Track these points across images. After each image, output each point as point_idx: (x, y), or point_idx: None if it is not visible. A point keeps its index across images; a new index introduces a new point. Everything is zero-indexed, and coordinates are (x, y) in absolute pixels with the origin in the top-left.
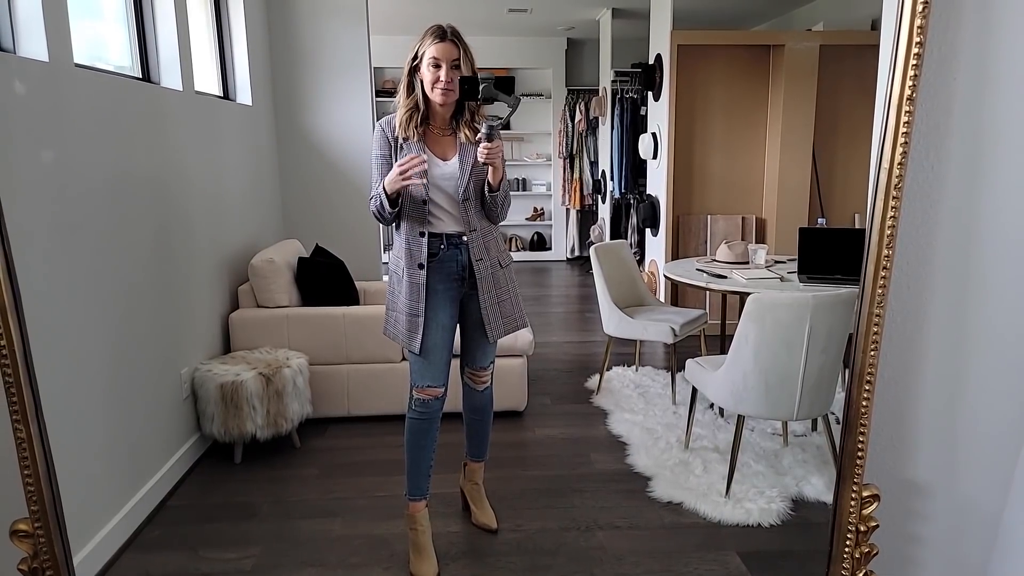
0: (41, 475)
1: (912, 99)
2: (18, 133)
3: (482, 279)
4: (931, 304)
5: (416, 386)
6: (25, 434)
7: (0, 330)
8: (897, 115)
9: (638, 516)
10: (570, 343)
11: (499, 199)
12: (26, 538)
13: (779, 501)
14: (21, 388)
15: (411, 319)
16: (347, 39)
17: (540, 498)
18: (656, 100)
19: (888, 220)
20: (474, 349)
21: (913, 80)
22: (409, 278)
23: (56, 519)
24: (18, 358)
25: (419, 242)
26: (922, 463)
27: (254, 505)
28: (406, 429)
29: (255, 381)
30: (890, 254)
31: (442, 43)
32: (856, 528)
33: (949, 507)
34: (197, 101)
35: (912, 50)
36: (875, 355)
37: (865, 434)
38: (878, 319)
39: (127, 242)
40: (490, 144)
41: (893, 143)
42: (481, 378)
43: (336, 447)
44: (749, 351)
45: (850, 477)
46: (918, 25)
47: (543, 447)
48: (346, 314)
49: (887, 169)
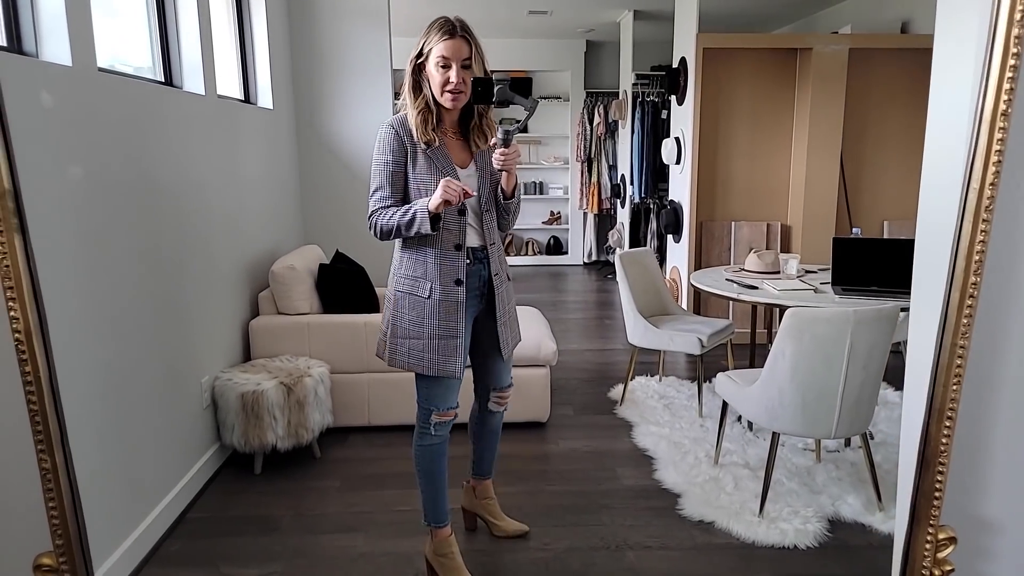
0: (67, 507)
1: (1007, 115)
2: (41, 138)
3: (499, 295)
4: (1010, 335)
5: (438, 411)
6: (50, 464)
7: (25, 356)
8: (990, 132)
9: (669, 536)
10: (591, 351)
11: (512, 207)
12: (50, 573)
13: (815, 521)
14: (47, 416)
15: (447, 342)
16: (368, 42)
17: (566, 515)
18: (680, 104)
19: (977, 245)
20: (498, 370)
21: (1008, 95)
22: (443, 296)
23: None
24: (44, 386)
25: (454, 256)
26: (996, 500)
27: (275, 519)
28: (422, 458)
29: (276, 391)
30: (978, 282)
31: (451, 40)
32: (931, 572)
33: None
34: (219, 105)
35: (1009, 61)
36: (957, 390)
37: (944, 473)
38: (962, 351)
39: (148, 248)
40: (507, 150)
41: (985, 162)
42: (505, 399)
43: (357, 458)
44: (786, 367)
45: (926, 519)
46: (1015, 35)
47: (567, 461)
48: (367, 322)
49: (976, 189)
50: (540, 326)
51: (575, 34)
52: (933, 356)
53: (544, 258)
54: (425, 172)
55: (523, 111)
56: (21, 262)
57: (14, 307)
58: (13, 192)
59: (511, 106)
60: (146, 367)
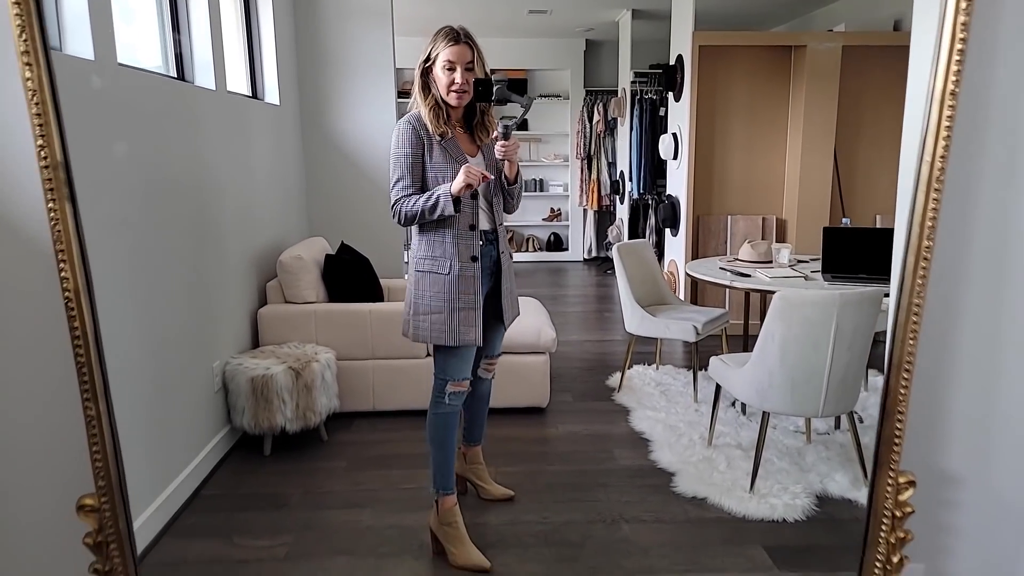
0: (108, 451)
1: (955, 94)
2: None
3: (504, 271)
4: (967, 296)
5: (453, 380)
6: (95, 411)
7: (74, 312)
8: (940, 110)
9: (663, 510)
10: (590, 342)
11: (515, 191)
12: (92, 512)
13: (804, 497)
14: (92, 368)
15: (466, 313)
16: (371, 41)
17: (566, 492)
18: (677, 101)
19: (930, 212)
20: (493, 339)
21: (956, 76)
22: (460, 272)
23: (120, 493)
24: (89, 339)
25: (470, 235)
26: (956, 453)
27: (284, 496)
28: (435, 426)
29: (285, 375)
30: (931, 245)
31: (456, 46)
32: (892, 514)
33: (982, 498)
34: (229, 100)
35: (956, 46)
36: (914, 344)
37: (903, 421)
38: (918, 309)
39: (163, 238)
40: (507, 142)
41: (936, 137)
42: (494, 366)
43: (362, 440)
44: (775, 348)
45: (887, 463)
46: (962, 22)
47: (566, 443)
48: (372, 310)
49: (929, 162)
50: (540, 315)
51: (575, 33)
52: (892, 315)
53: (545, 254)
54: (441, 161)
55: (520, 108)
56: (71, 227)
57: (64, 268)
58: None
59: (508, 104)
60: (162, 351)
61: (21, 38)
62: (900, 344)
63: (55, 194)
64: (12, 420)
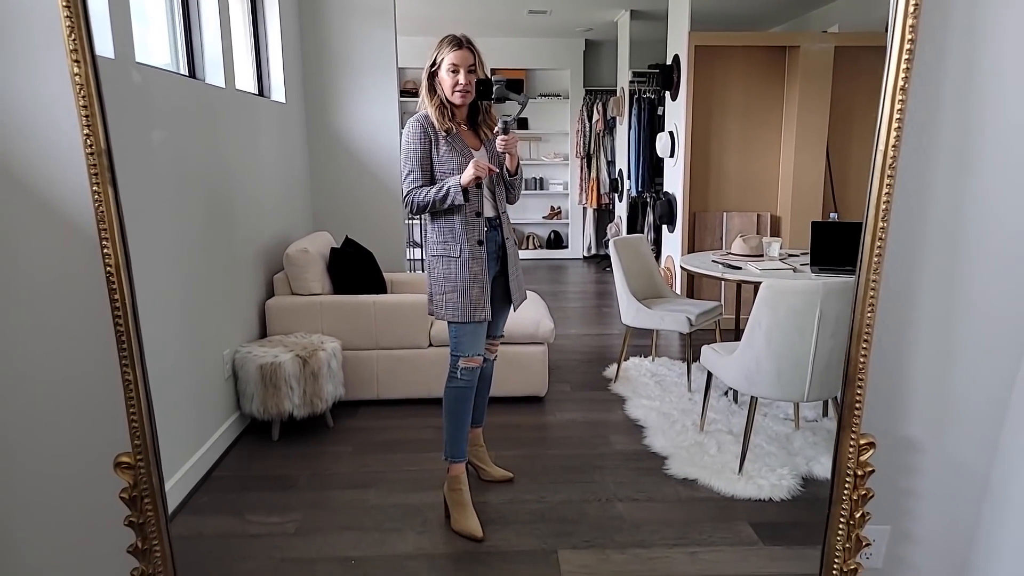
0: (143, 413)
1: (905, 89)
2: None
3: (510, 255)
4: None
5: (466, 355)
6: (132, 376)
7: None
8: (891, 103)
9: (655, 491)
10: (588, 335)
11: (516, 182)
12: (128, 470)
13: (789, 478)
14: (130, 337)
15: (477, 289)
16: (374, 40)
17: (562, 474)
18: (673, 100)
19: (884, 196)
20: (498, 320)
21: (906, 72)
22: (471, 254)
23: (154, 453)
24: (128, 310)
25: (476, 221)
26: (915, 420)
27: (293, 477)
28: (449, 399)
29: (293, 362)
30: (885, 226)
31: (459, 50)
32: (854, 472)
33: (940, 463)
34: (237, 98)
35: (905, 46)
36: (871, 316)
37: (863, 387)
38: (874, 284)
39: (177, 232)
40: (506, 136)
41: (888, 127)
42: (496, 347)
43: (367, 427)
44: (762, 335)
45: (848, 426)
46: (910, 24)
47: (564, 429)
48: (377, 302)
49: (882, 151)
50: (539, 307)
51: (574, 33)
52: (853, 290)
53: (544, 252)
54: (448, 155)
55: (517, 105)
56: (112, 208)
57: (107, 245)
58: (107, 151)
59: (507, 101)
60: (175, 338)
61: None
62: (860, 316)
63: (99, 178)
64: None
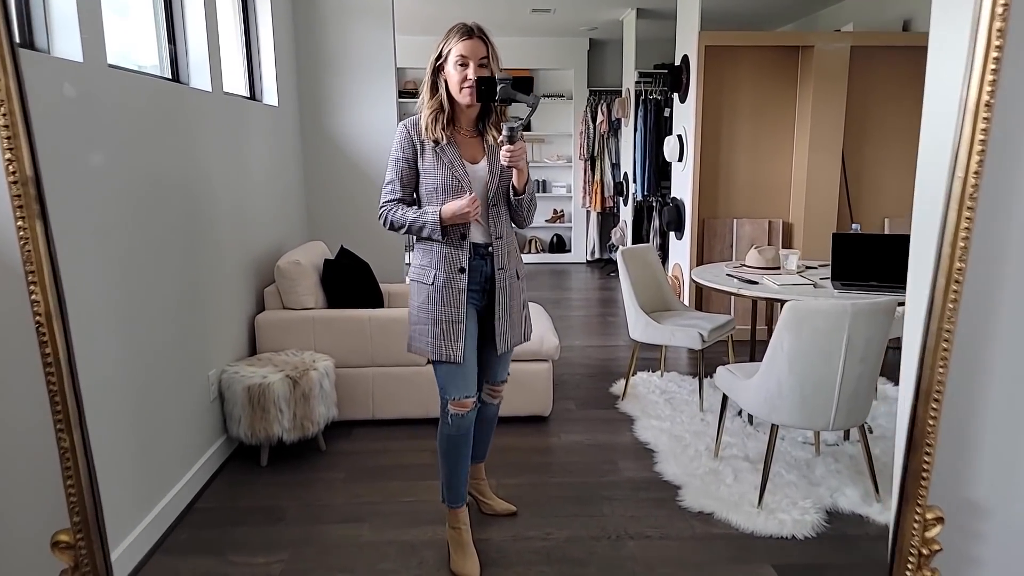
0: (84, 485)
1: (991, 105)
2: (52, 134)
3: (501, 289)
4: (999, 320)
5: (452, 399)
6: (68, 443)
7: (46, 337)
8: (974, 122)
9: (669, 526)
10: (593, 347)
11: (524, 202)
12: (67, 549)
13: (813, 512)
14: (66, 396)
15: (451, 326)
16: (372, 40)
17: (568, 505)
18: (682, 102)
19: (962, 232)
20: (494, 363)
21: (991, 86)
22: (447, 283)
23: (98, 529)
24: (63, 366)
25: (460, 246)
26: (983, 484)
27: (281, 509)
28: (442, 441)
29: (282, 384)
30: (963, 267)
31: (469, 40)
32: (918, 551)
33: (1008, 528)
34: (225, 102)
35: (991, 54)
36: (944, 372)
37: (931, 454)
38: (948, 335)
39: (157, 244)
40: (512, 147)
41: (969, 151)
42: (499, 392)
43: (362, 450)
44: (784, 360)
45: (914, 498)
46: (997, 28)
47: (569, 453)
48: (372, 317)
49: (961, 178)
50: (543, 321)
51: (578, 32)
52: (920, 339)
53: (547, 256)
54: (432, 167)
55: (526, 108)
56: (42, 246)
57: (35, 290)
58: (35, 179)
59: (513, 104)
60: (156, 360)
61: None
62: (929, 371)
63: (25, 211)
64: None
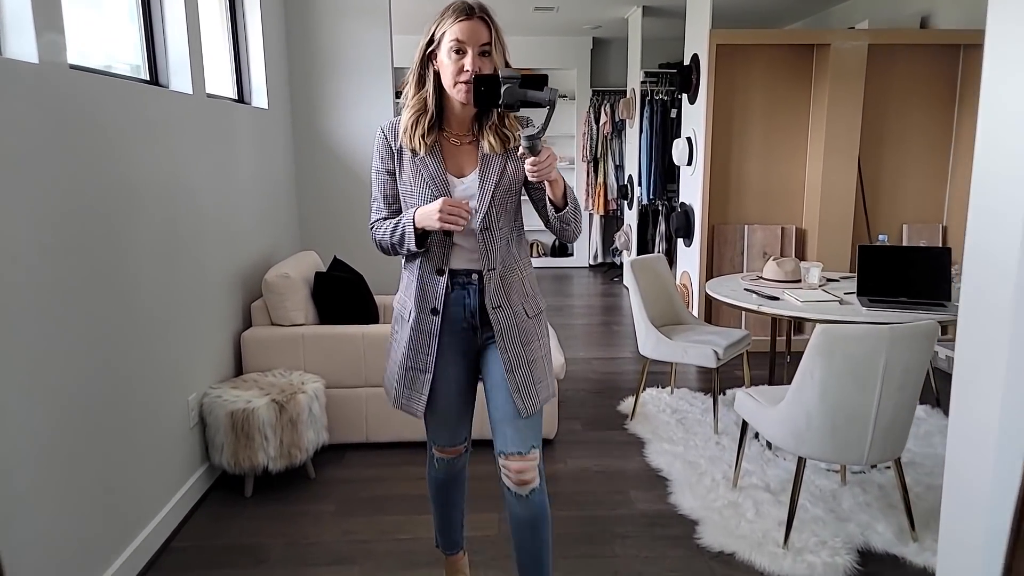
0: None
1: None
2: (2, 142)
3: (502, 333)
4: None
5: (434, 444)
6: None
7: None
8: None
9: (687, 569)
10: (598, 359)
11: (569, 216)
12: None
13: (844, 553)
14: None
15: (411, 374)
16: (368, 39)
17: (578, 545)
18: (692, 103)
19: None
20: (503, 424)
21: None
22: (416, 324)
23: None
24: None
25: (435, 281)
26: None
27: (264, 549)
28: (430, 484)
29: (268, 409)
30: None
31: (468, 21)
32: None
33: None
34: (208, 105)
35: None
36: None
37: None
38: None
39: (129, 257)
40: (539, 158)
41: None
42: (520, 472)
43: (354, 478)
44: (815, 388)
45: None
46: None
47: (577, 482)
48: (365, 334)
49: None
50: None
51: (581, 31)
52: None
53: (549, 260)
54: (411, 181)
55: (542, 108)
56: None
57: None
58: None
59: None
60: (125, 385)
61: None
62: None
63: None
64: None
